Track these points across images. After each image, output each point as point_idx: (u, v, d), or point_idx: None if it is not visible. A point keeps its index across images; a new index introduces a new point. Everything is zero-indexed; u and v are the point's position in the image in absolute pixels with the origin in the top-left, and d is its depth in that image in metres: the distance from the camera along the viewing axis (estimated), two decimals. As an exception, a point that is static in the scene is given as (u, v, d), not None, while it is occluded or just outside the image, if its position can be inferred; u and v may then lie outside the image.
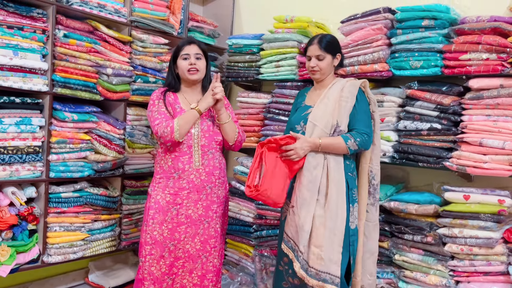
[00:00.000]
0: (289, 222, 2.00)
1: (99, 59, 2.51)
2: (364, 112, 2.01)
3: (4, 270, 2.23)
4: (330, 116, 1.98)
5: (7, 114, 2.22)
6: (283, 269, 2.10)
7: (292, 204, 1.98)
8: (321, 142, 1.94)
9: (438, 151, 2.14)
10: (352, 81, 2.06)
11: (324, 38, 2.06)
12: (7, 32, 2.19)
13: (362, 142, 1.95)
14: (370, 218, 2.06)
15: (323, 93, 2.07)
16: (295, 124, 2.10)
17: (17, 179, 2.27)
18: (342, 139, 1.94)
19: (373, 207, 2.07)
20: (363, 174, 2.05)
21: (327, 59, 2.05)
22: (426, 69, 2.19)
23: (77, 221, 2.50)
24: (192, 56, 2.15)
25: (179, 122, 2.02)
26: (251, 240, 2.84)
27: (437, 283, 2.11)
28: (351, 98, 1.99)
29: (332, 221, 1.90)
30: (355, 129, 1.97)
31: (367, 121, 2.00)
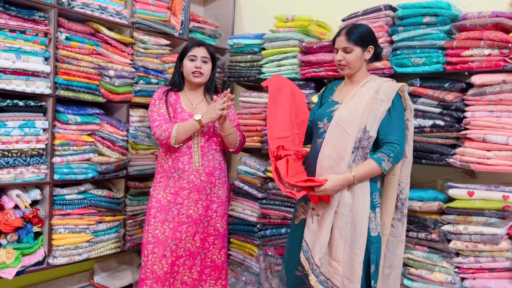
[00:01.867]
0: (311, 229, 1.87)
1: (101, 61, 2.52)
2: (400, 120, 1.85)
3: (10, 273, 2.24)
4: (359, 118, 1.82)
5: (10, 117, 2.23)
6: (302, 274, 2.01)
7: (318, 213, 1.86)
8: (354, 175, 1.78)
9: (441, 147, 2.14)
10: (389, 82, 1.89)
11: (353, 29, 1.89)
12: (9, 35, 2.20)
13: (396, 157, 1.81)
14: (395, 234, 1.96)
15: (353, 90, 1.91)
16: (317, 121, 1.97)
17: (22, 181, 2.28)
18: (376, 163, 1.79)
19: (399, 222, 1.95)
20: (391, 186, 1.92)
21: (356, 52, 1.88)
22: (428, 66, 2.18)
23: (82, 223, 2.51)
24: (198, 58, 2.16)
25: (178, 129, 2.03)
26: (255, 239, 2.84)
27: (442, 280, 2.11)
28: (387, 102, 1.82)
29: (353, 236, 1.80)
30: (387, 141, 1.82)
31: (401, 130, 1.84)
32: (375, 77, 1.97)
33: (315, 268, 1.84)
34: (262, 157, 2.94)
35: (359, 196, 1.82)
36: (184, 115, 2.18)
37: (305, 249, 1.88)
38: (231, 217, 2.99)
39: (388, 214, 1.93)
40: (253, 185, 2.84)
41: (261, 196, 2.79)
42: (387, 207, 1.93)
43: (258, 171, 2.81)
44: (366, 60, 1.94)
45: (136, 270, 3.00)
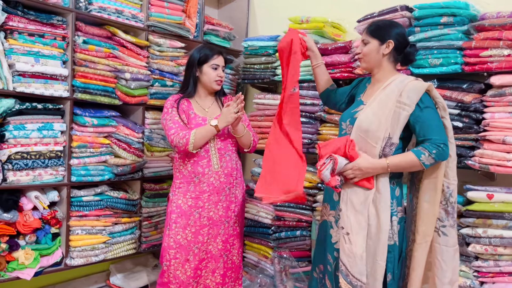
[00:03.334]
0: (346, 251, 1.74)
1: (118, 64, 2.55)
2: (433, 119, 1.71)
3: (29, 273, 2.27)
4: (382, 128, 1.72)
5: (29, 119, 2.26)
6: (317, 276, 2.01)
7: (347, 231, 1.74)
8: (388, 163, 1.70)
9: (460, 149, 2.10)
10: (413, 82, 1.74)
11: (375, 22, 1.87)
12: (28, 39, 2.24)
13: (439, 154, 1.67)
14: (448, 243, 1.77)
15: (376, 91, 1.81)
16: (342, 121, 1.90)
17: (40, 183, 2.31)
18: (414, 155, 1.68)
19: (452, 229, 1.77)
20: (430, 189, 1.77)
21: (371, 45, 1.80)
22: (446, 66, 2.15)
23: (98, 224, 2.53)
24: (220, 68, 2.21)
25: (195, 136, 2.05)
26: (269, 241, 2.84)
27: (461, 284, 2.07)
28: (410, 106, 1.69)
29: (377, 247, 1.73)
30: (428, 139, 1.69)
31: (439, 128, 1.71)
32: (400, 76, 1.83)
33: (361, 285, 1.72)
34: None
35: (382, 207, 1.74)
36: (198, 120, 2.20)
37: (344, 273, 1.75)
38: (246, 219, 2.99)
39: (431, 220, 1.77)
40: (268, 187, 2.83)
41: (275, 198, 2.78)
42: (428, 214, 1.77)
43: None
44: (385, 54, 1.81)
45: (151, 271, 3.02)
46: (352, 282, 1.73)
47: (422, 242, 1.80)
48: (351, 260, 1.73)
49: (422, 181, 1.82)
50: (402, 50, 1.83)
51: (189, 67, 2.25)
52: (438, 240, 1.79)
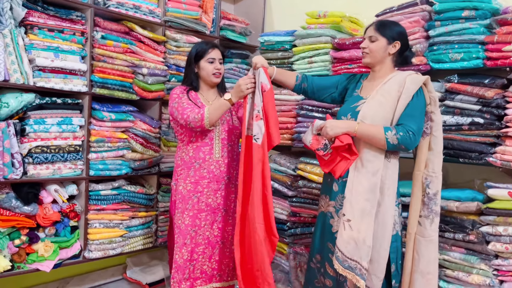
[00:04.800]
0: (344, 237, 1.79)
1: (135, 59, 2.56)
2: (416, 109, 1.79)
3: (48, 265, 2.31)
4: (386, 116, 1.81)
5: (49, 114, 2.30)
6: (315, 267, 2.05)
7: (349, 218, 1.79)
8: (357, 127, 1.79)
9: (481, 146, 2.07)
10: (412, 76, 1.83)
11: (384, 21, 1.93)
12: (48, 35, 2.27)
13: (404, 139, 1.73)
14: (423, 233, 1.86)
15: (377, 86, 1.88)
16: (341, 115, 1.97)
17: (59, 177, 2.35)
18: (381, 128, 1.76)
19: (427, 220, 1.85)
20: (415, 181, 1.88)
21: (380, 43, 1.87)
22: (467, 61, 2.11)
23: (116, 218, 2.56)
24: (217, 61, 2.21)
25: (210, 110, 2.05)
26: (285, 237, 2.83)
27: (480, 282, 2.04)
28: (407, 94, 1.79)
29: (381, 233, 1.79)
30: (402, 124, 1.78)
31: (417, 118, 1.78)
32: (399, 72, 1.91)
33: (364, 272, 1.76)
34: (292, 155, 2.93)
35: (389, 194, 1.80)
36: None
37: (340, 259, 1.80)
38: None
39: (414, 212, 1.88)
40: (284, 183, 2.83)
41: (291, 194, 2.78)
42: (412, 205, 1.89)
43: (288, 169, 2.80)
44: (391, 54, 1.90)
45: (167, 265, 3.04)
46: (351, 266, 1.78)
47: (409, 233, 1.89)
48: (350, 246, 1.77)
49: (413, 174, 1.90)
50: (403, 52, 1.92)
51: (188, 65, 2.26)
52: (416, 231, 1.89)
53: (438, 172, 1.86)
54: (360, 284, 1.76)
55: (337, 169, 1.89)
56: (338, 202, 1.90)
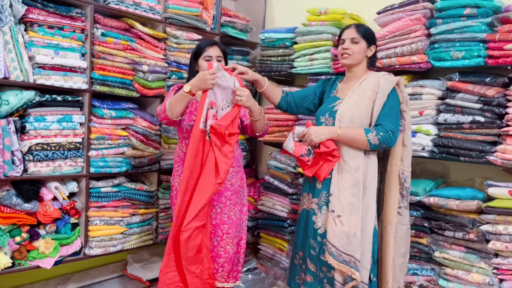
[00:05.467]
0: (336, 233, 1.88)
1: (135, 57, 2.56)
2: (392, 109, 1.91)
3: (49, 262, 2.32)
4: (364, 115, 1.91)
5: (49, 111, 2.29)
6: (298, 263, 2.10)
7: (339, 214, 1.88)
8: (340, 132, 1.89)
9: (481, 145, 2.06)
10: (386, 76, 1.96)
11: (362, 25, 2.03)
12: (48, 32, 2.26)
13: (385, 138, 1.85)
14: (404, 222, 1.99)
15: (353, 87, 1.99)
16: (320, 115, 2.06)
17: (60, 174, 2.35)
18: (363, 131, 1.87)
19: (406, 210, 2.00)
20: (392, 176, 1.97)
21: (361, 45, 1.97)
22: (468, 59, 2.10)
23: (116, 215, 2.57)
24: (214, 58, 2.19)
25: (170, 101, 2.06)
26: (285, 234, 2.84)
27: (480, 281, 2.04)
28: (383, 94, 1.90)
29: (365, 226, 1.88)
30: (380, 124, 1.89)
31: (394, 118, 1.91)
32: (373, 73, 2.02)
33: (358, 264, 1.85)
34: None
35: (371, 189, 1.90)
36: None
37: (335, 254, 1.88)
38: (261, 212, 2.99)
39: (394, 204, 1.97)
40: (284, 180, 2.83)
41: (291, 191, 2.78)
42: (392, 198, 1.97)
43: (289, 166, 2.80)
44: (367, 57, 2.02)
45: (167, 262, 3.05)
46: (345, 260, 1.86)
47: (390, 224, 1.97)
48: (343, 241, 1.86)
49: (388, 169, 2.00)
50: (374, 55, 2.06)
51: (190, 62, 2.28)
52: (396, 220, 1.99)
53: (410, 167, 2.01)
54: (356, 275, 1.84)
55: (321, 172, 1.94)
56: (321, 199, 1.98)
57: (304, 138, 1.94)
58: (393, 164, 1.97)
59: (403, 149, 1.97)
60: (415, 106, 2.27)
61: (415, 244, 2.26)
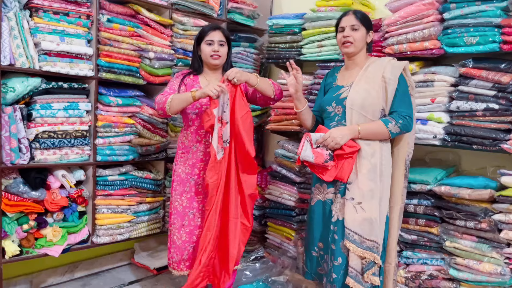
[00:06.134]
0: (358, 220, 1.86)
1: (141, 43, 2.52)
2: (405, 94, 1.91)
3: (57, 250, 2.32)
4: (376, 102, 1.89)
5: (56, 99, 2.27)
6: (317, 255, 2.07)
7: (359, 200, 1.86)
8: (360, 129, 1.87)
9: (495, 132, 2.02)
10: (393, 61, 1.94)
11: (359, 11, 2.00)
12: (53, 17, 2.23)
13: (404, 125, 1.87)
14: (403, 200, 2.03)
15: (358, 73, 1.96)
16: (326, 106, 2.03)
17: (67, 162, 2.33)
18: (382, 123, 1.86)
19: (405, 189, 2.05)
20: (400, 157, 1.97)
21: (362, 31, 1.95)
22: (483, 45, 2.05)
23: (123, 203, 2.56)
24: (216, 42, 2.17)
25: (174, 97, 2.05)
26: (292, 224, 2.82)
27: (491, 271, 2.02)
28: (394, 80, 1.88)
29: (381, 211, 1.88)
30: (396, 111, 1.88)
31: (408, 103, 1.91)
32: (376, 58, 2.00)
33: (380, 249, 1.86)
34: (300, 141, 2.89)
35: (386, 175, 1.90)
36: None
37: (358, 241, 1.86)
38: (268, 201, 2.97)
39: (400, 186, 1.98)
40: (291, 169, 2.81)
41: (299, 180, 2.75)
42: (398, 179, 1.97)
43: (297, 155, 2.77)
44: (367, 43, 2.00)
45: (174, 250, 3.05)
46: (369, 247, 1.85)
47: (396, 205, 1.97)
48: (366, 227, 1.85)
49: (395, 152, 1.99)
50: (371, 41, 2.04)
51: (194, 47, 2.27)
52: None
53: (412, 148, 2.04)
54: (378, 260, 1.86)
55: (344, 173, 1.89)
56: (337, 187, 1.95)
57: (326, 142, 1.88)
58: (401, 147, 1.98)
59: (409, 132, 1.97)
60: (426, 93, 2.22)
61: (425, 233, 2.23)
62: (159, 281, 2.82)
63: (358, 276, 1.86)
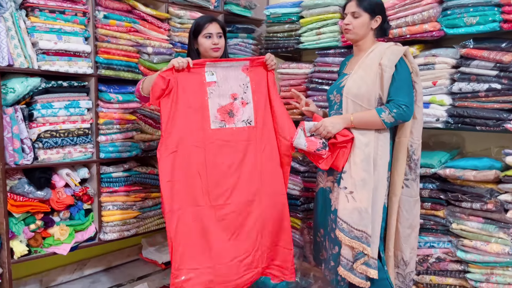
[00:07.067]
0: (348, 208, 1.87)
1: (139, 38, 2.51)
2: (404, 81, 1.86)
3: (65, 249, 2.33)
4: (371, 90, 1.86)
5: (56, 98, 2.27)
6: (320, 240, 2.10)
7: (351, 190, 1.87)
8: (352, 117, 1.87)
9: (498, 113, 2.00)
10: (392, 47, 1.90)
11: None
12: (49, 16, 2.21)
13: (399, 114, 1.82)
14: (411, 194, 1.99)
15: (360, 60, 1.95)
16: (329, 94, 2.05)
17: (70, 161, 2.34)
18: (375, 112, 1.83)
19: (414, 182, 1.99)
20: (401, 148, 1.95)
21: (363, 18, 1.92)
22: (483, 25, 2.03)
23: (129, 199, 2.56)
24: (214, 35, 2.15)
25: (145, 79, 2.08)
26: (298, 213, 2.82)
27: (499, 251, 2.02)
28: (390, 67, 1.84)
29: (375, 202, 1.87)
30: (392, 100, 1.85)
31: (406, 91, 1.86)
32: (380, 44, 1.96)
33: (369, 240, 1.84)
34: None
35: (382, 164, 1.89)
36: None
37: (346, 230, 1.87)
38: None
39: (399, 176, 1.95)
40: (295, 159, 2.80)
41: (303, 169, 2.75)
42: (397, 169, 1.95)
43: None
44: (373, 29, 1.96)
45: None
46: (357, 236, 1.85)
47: (394, 195, 1.96)
48: (355, 216, 1.85)
49: (396, 141, 1.97)
50: (383, 25, 1.98)
51: (188, 41, 2.24)
52: (402, 192, 1.98)
53: (420, 139, 1.97)
54: (368, 251, 1.83)
55: (339, 162, 1.91)
56: (335, 176, 1.98)
57: (318, 131, 1.90)
58: (402, 136, 1.95)
59: (413, 122, 1.94)
60: (428, 77, 2.21)
61: (432, 216, 2.23)
62: (167, 275, 2.84)
63: (349, 265, 1.87)
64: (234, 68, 2.07)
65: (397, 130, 1.97)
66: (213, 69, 2.04)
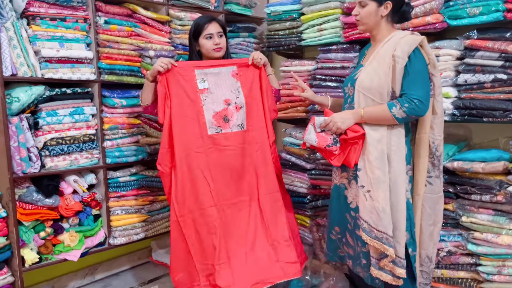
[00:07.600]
0: (367, 208, 1.80)
1: (141, 42, 2.51)
2: (418, 73, 1.73)
3: (75, 255, 2.34)
4: (383, 83, 1.76)
5: (60, 105, 2.27)
6: (335, 238, 2.07)
7: (368, 188, 1.80)
8: (363, 112, 1.79)
9: (505, 103, 1.98)
10: (407, 37, 1.77)
11: None
12: (51, 24, 2.22)
13: (411, 109, 1.70)
14: (434, 191, 1.90)
15: (375, 51, 1.84)
16: (344, 86, 1.98)
17: (77, 167, 2.35)
18: (386, 107, 1.74)
19: (437, 179, 1.90)
20: (422, 144, 1.86)
21: (370, 7, 1.81)
22: (486, 15, 2.00)
23: (137, 203, 2.57)
24: (215, 35, 2.15)
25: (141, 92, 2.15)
26: (306, 210, 2.82)
27: (510, 243, 2.00)
28: (403, 59, 1.72)
29: (395, 200, 1.79)
30: (405, 94, 1.73)
31: (420, 84, 1.73)
32: (397, 33, 1.83)
33: (391, 241, 1.77)
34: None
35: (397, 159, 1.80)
36: None
37: (367, 230, 1.82)
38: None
39: (421, 172, 1.88)
40: (301, 156, 2.79)
41: (309, 167, 2.74)
42: (419, 167, 1.88)
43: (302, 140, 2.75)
44: (383, 16, 1.83)
45: (191, 246, 3.07)
46: (377, 237, 1.79)
47: (417, 195, 1.89)
48: (374, 216, 1.79)
49: (417, 137, 1.89)
50: (398, 9, 1.84)
51: (189, 43, 2.24)
52: (425, 190, 1.90)
53: (442, 135, 1.89)
54: (390, 252, 1.77)
55: (351, 159, 1.86)
56: (349, 172, 1.92)
57: (328, 127, 1.84)
58: (422, 132, 1.85)
59: (433, 117, 1.84)
60: (432, 69, 2.18)
61: (441, 210, 2.22)
62: (178, 277, 2.85)
63: (378, 264, 1.84)
64: (224, 74, 2.13)
65: (418, 127, 1.88)
66: (204, 76, 2.09)
